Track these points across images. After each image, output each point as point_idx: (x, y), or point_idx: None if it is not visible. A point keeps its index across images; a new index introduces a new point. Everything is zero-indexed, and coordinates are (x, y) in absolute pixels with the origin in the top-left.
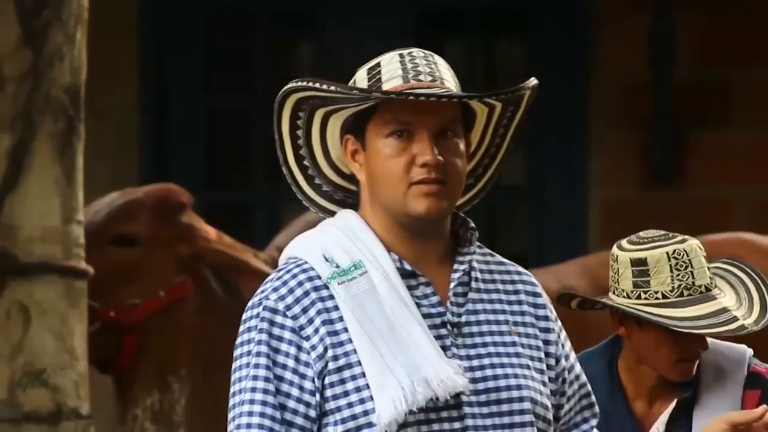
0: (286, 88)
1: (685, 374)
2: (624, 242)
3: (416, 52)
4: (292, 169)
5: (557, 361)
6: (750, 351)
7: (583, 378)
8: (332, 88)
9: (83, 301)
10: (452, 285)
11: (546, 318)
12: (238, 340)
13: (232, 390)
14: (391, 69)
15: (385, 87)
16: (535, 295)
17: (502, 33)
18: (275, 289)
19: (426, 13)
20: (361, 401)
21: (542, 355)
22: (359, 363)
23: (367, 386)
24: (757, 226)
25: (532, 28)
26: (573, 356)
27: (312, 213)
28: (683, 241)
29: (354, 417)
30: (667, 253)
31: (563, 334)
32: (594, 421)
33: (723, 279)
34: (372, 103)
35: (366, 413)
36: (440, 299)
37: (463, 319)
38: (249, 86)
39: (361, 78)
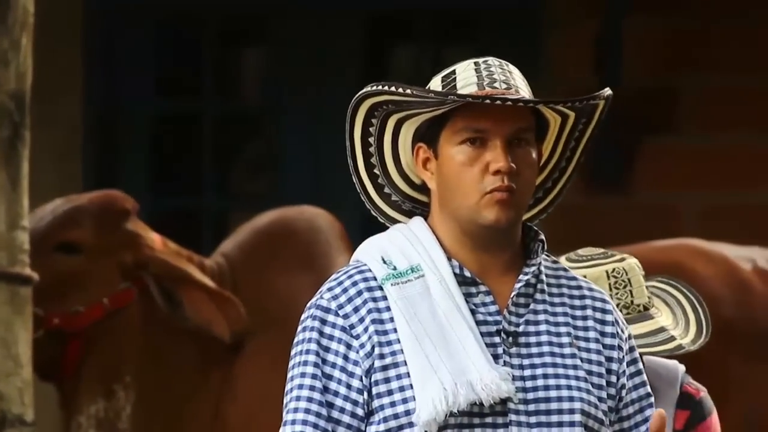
0: (361, 92)
1: None
2: (563, 259)
3: (491, 60)
4: (362, 178)
5: (617, 378)
6: (682, 368)
7: (648, 401)
8: (407, 91)
9: (28, 307)
10: (513, 294)
11: (612, 336)
12: (295, 341)
13: (286, 389)
14: (467, 76)
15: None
16: (604, 311)
17: (451, 38)
18: (330, 289)
19: (375, 19)
20: (404, 401)
21: (603, 370)
22: (405, 363)
23: (411, 386)
24: (703, 233)
25: (480, 33)
26: (639, 379)
27: (261, 219)
28: (622, 259)
29: (396, 416)
30: (606, 272)
31: (632, 355)
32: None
33: (659, 298)
34: (447, 108)
35: (408, 413)
36: (499, 308)
37: (521, 328)
38: (196, 92)
39: (435, 85)
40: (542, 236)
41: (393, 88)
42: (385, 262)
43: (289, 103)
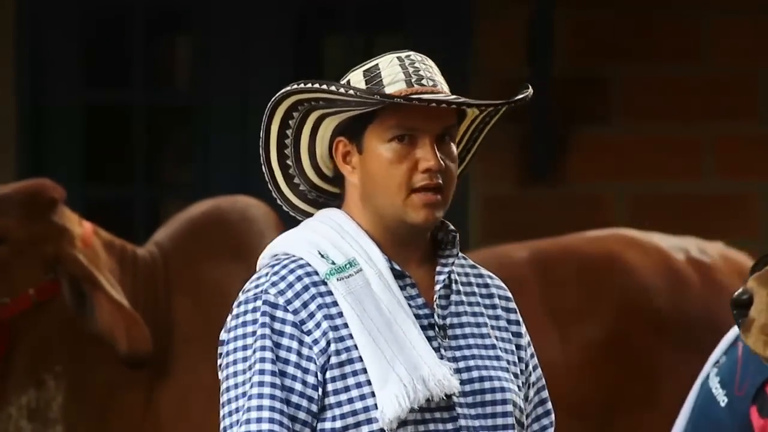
0: (291, 88)
1: None
2: None
3: (414, 55)
4: (273, 167)
5: (526, 366)
6: None
7: (542, 382)
8: (350, 92)
9: None
10: (438, 287)
11: (517, 323)
12: (230, 335)
13: (226, 384)
14: (392, 72)
15: (389, 90)
16: (507, 299)
17: (381, 27)
18: (274, 284)
19: (304, 7)
20: (362, 397)
21: (516, 359)
22: (360, 359)
23: (368, 382)
24: (632, 223)
25: (410, 22)
26: (536, 362)
27: (194, 209)
28: None
29: (354, 413)
30: None
31: (528, 338)
32: (551, 430)
33: None
34: (379, 107)
35: (366, 409)
36: (425, 301)
37: (448, 321)
38: (127, 82)
39: (358, 80)
40: (452, 227)
41: (334, 88)
42: (322, 256)
43: (217, 93)
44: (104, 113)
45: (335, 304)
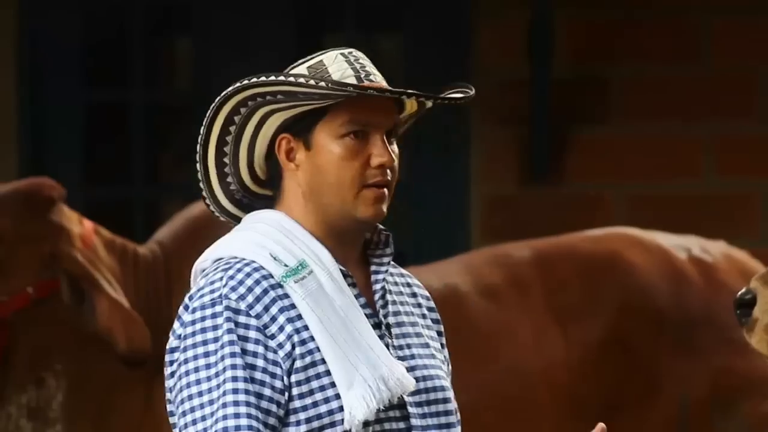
0: (255, 80)
1: None
2: None
3: (355, 52)
4: (209, 165)
5: (449, 364)
6: None
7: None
8: (321, 83)
9: None
10: (378, 286)
11: (437, 321)
12: (186, 342)
13: (188, 392)
14: (341, 68)
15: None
16: (428, 299)
17: (380, 27)
18: (233, 289)
19: (303, 6)
20: (326, 400)
21: (443, 357)
22: (323, 361)
23: (331, 385)
24: (633, 222)
25: (409, 21)
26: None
27: (195, 208)
28: None
29: (319, 416)
30: None
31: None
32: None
33: None
34: (334, 101)
35: (330, 413)
36: (366, 301)
37: (390, 320)
38: (127, 81)
39: (303, 74)
40: (383, 227)
41: (303, 80)
42: (275, 259)
43: (218, 93)
44: (105, 111)
45: (293, 306)
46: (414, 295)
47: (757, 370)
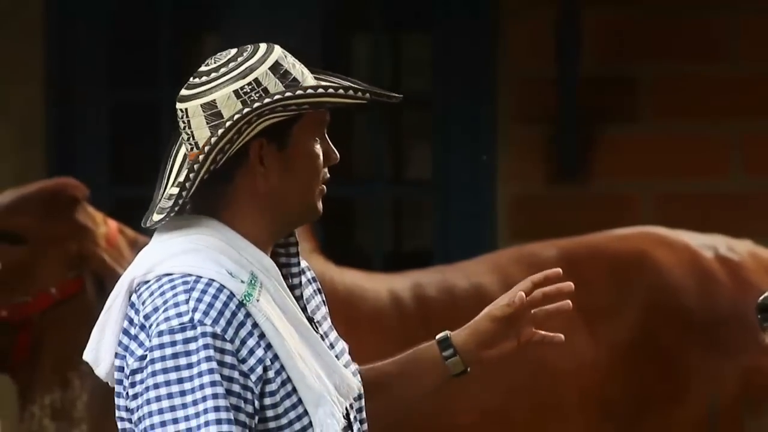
0: (310, 98)
1: None
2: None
3: (283, 51)
4: (197, 180)
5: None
6: None
7: None
8: (367, 95)
9: None
10: (303, 286)
11: (321, 291)
12: (155, 366)
13: (159, 418)
14: (298, 71)
15: (310, 86)
16: (317, 280)
17: (408, 26)
18: (205, 313)
19: (329, 7)
20: (298, 418)
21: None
22: (289, 380)
23: (300, 402)
24: (660, 221)
25: (437, 21)
26: None
27: None
28: None
29: None
30: None
31: None
32: None
33: None
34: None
35: (303, 429)
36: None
37: (316, 317)
38: (154, 80)
39: (272, 81)
40: None
41: (360, 93)
42: (232, 275)
43: None
44: (132, 112)
45: (256, 326)
46: (314, 279)
47: None
